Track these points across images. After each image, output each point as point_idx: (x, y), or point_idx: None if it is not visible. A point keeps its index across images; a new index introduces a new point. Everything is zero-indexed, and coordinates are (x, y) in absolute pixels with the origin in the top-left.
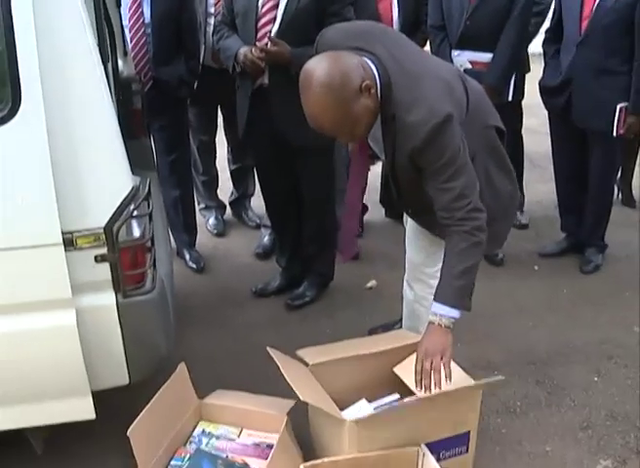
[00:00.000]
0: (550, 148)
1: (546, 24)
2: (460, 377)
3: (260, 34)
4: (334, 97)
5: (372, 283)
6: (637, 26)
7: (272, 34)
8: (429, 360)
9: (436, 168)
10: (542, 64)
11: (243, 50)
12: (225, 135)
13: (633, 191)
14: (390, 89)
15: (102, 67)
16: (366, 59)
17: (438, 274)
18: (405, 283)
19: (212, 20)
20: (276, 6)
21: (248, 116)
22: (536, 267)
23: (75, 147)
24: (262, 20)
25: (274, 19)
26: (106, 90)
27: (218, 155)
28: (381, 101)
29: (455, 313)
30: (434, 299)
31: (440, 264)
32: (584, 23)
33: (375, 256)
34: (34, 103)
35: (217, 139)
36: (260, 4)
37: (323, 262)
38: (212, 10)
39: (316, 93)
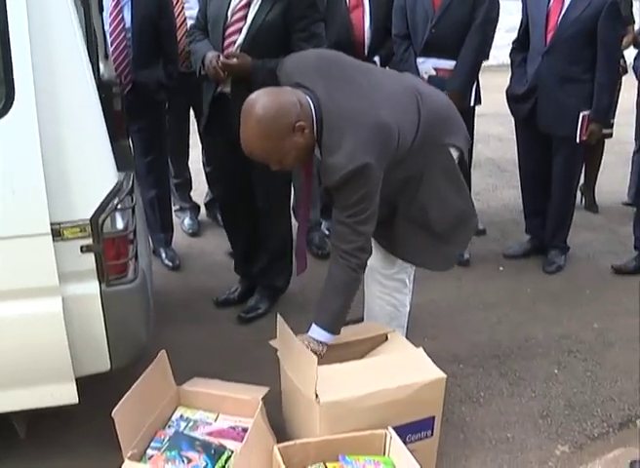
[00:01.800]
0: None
1: (514, 35)
2: (429, 369)
3: (226, 43)
4: (266, 130)
5: None
6: (599, 38)
7: (237, 44)
8: None
9: (344, 204)
10: (510, 74)
11: (209, 55)
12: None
13: (596, 197)
14: (322, 128)
15: (91, 69)
16: (307, 98)
17: (396, 276)
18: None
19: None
20: (245, 17)
21: (207, 119)
22: (501, 268)
23: (64, 143)
24: (230, 29)
25: (241, 29)
26: (94, 90)
27: (193, 157)
28: (316, 131)
29: (328, 337)
30: (313, 321)
31: (397, 267)
32: (550, 34)
33: None
34: (26, 101)
35: (191, 143)
36: (229, 13)
37: (275, 275)
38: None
39: (252, 122)
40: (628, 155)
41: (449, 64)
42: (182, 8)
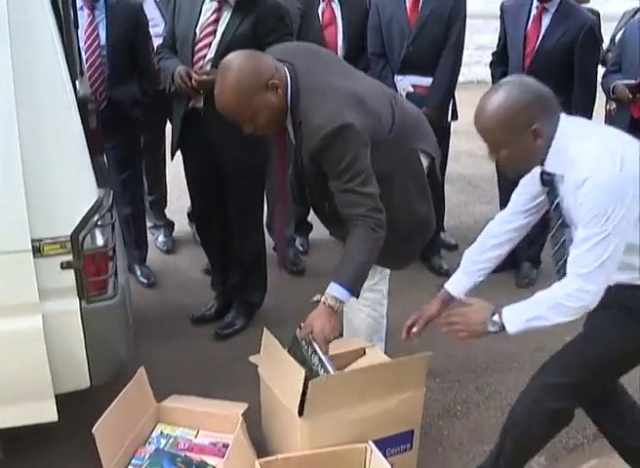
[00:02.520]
0: (489, 171)
1: (483, 53)
2: (408, 383)
3: (196, 58)
4: (241, 84)
5: (317, 297)
6: (576, 63)
7: (207, 58)
8: (306, 330)
9: (338, 171)
10: (481, 92)
11: (178, 70)
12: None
13: None
14: (299, 96)
15: (71, 84)
16: (284, 67)
17: (375, 287)
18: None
19: (155, 44)
20: (214, 32)
21: (180, 136)
22: None
23: (45, 160)
24: (199, 45)
25: (210, 44)
26: (75, 106)
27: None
28: (291, 108)
29: (346, 295)
30: (332, 280)
31: (377, 278)
32: (527, 60)
33: (320, 273)
34: (7, 118)
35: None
36: (197, 30)
37: (250, 290)
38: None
39: (228, 77)
40: None
41: (426, 81)
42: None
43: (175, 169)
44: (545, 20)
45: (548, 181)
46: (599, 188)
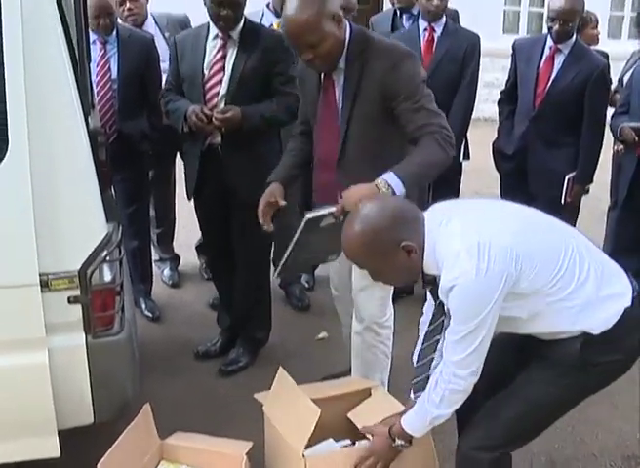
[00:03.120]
0: None
1: (491, 90)
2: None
3: (208, 95)
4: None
5: (322, 334)
6: (587, 104)
7: (221, 95)
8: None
9: (410, 90)
10: (489, 129)
11: (191, 109)
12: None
13: None
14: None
15: (84, 120)
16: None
17: (387, 323)
18: (353, 333)
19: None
20: (222, 68)
21: (198, 175)
22: None
23: (55, 194)
24: (210, 83)
25: (221, 80)
26: (87, 140)
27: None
28: (349, 43)
29: (399, 187)
30: (392, 170)
31: (388, 313)
32: (538, 100)
33: (326, 309)
34: (20, 151)
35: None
36: (205, 69)
37: (255, 327)
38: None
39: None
40: (601, 211)
41: None
42: None
43: (182, 202)
44: (558, 61)
45: (430, 281)
46: (464, 295)
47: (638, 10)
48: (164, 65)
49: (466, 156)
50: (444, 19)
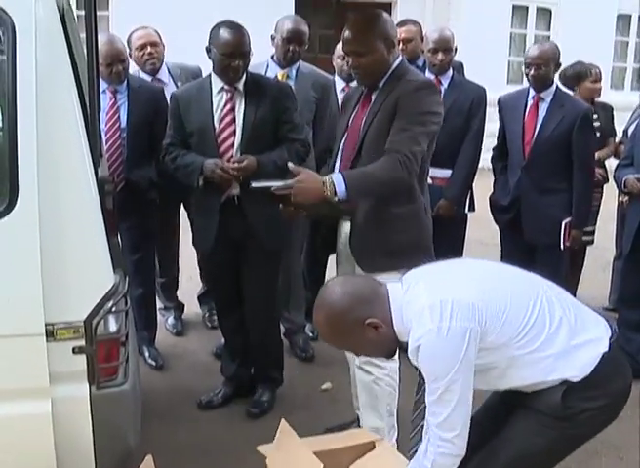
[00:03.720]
0: (498, 258)
1: (492, 140)
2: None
3: (222, 148)
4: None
5: (327, 385)
6: (574, 150)
7: (236, 146)
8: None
9: (412, 111)
10: (491, 179)
11: (210, 162)
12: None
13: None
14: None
15: (93, 171)
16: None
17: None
18: (357, 369)
19: None
20: (233, 120)
21: (218, 227)
22: None
23: (63, 245)
24: (222, 135)
25: (234, 132)
26: (95, 191)
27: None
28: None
29: (342, 191)
30: (341, 172)
31: None
32: (527, 149)
33: (330, 359)
34: (30, 201)
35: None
36: (215, 122)
37: (272, 366)
38: None
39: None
40: (606, 261)
41: (445, 173)
42: None
43: (186, 251)
44: (542, 109)
45: (406, 348)
46: (430, 354)
47: None
48: None
49: (472, 208)
50: (450, 71)
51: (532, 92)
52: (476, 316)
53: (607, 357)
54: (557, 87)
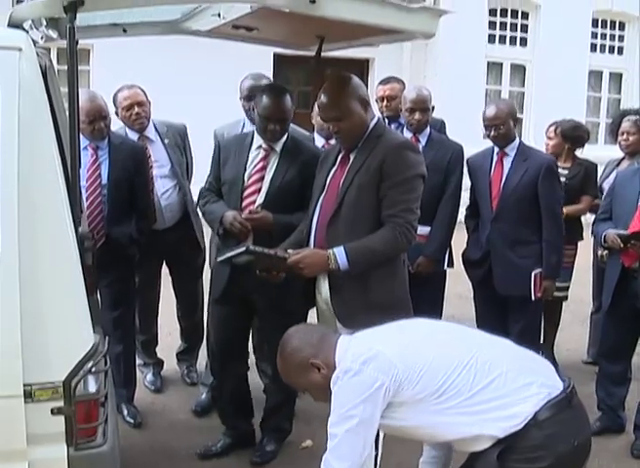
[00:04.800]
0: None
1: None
2: None
3: (245, 203)
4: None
5: (307, 443)
6: (541, 200)
7: (257, 204)
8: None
9: (401, 178)
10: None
11: (229, 214)
12: (174, 291)
13: (555, 355)
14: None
15: (74, 228)
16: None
17: None
18: None
19: (157, 184)
20: (261, 179)
21: (228, 277)
22: None
23: (43, 303)
24: (248, 191)
25: (259, 190)
26: (76, 247)
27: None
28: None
29: (344, 264)
30: (343, 245)
31: None
32: (495, 202)
33: (311, 416)
34: (9, 260)
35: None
36: (246, 176)
37: (284, 418)
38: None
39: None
40: (585, 314)
41: (424, 230)
42: (151, 167)
43: (166, 306)
44: (507, 164)
45: None
46: (338, 387)
47: (612, 117)
48: (159, 171)
49: (450, 264)
50: (428, 129)
51: (496, 148)
52: (391, 371)
53: (552, 417)
54: (520, 141)
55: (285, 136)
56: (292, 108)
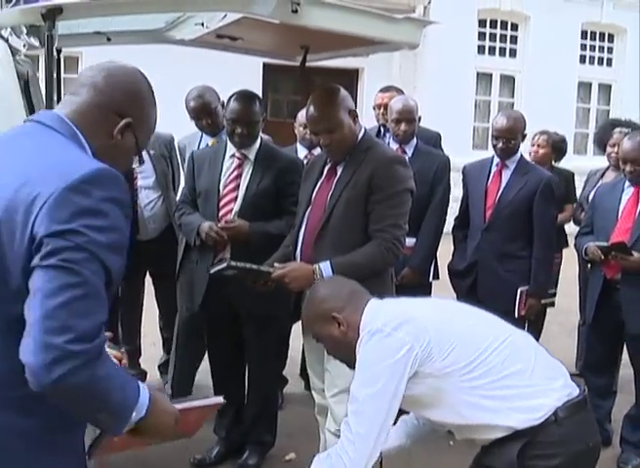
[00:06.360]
0: None
1: (457, 205)
2: None
3: (222, 212)
4: (336, 103)
5: (291, 456)
6: (535, 217)
7: (234, 212)
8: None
9: (390, 192)
10: (452, 247)
11: (205, 225)
12: (157, 302)
13: None
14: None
15: None
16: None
17: None
18: (331, 435)
19: (141, 195)
20: (237, 187)
21: (207, 288)
22: (451, 442)
23: None
24: (224, 200)
25: (235, 198)
26: None
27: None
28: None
29: (328, 272)
30: (330, 260)
31: None
32: (488, 212)
33: (294, 429)
34: None
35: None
36: (221, 186)
37: (265, 429)
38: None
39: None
40: (572, 325)
41: (410, 242)
42: (136, 177)
43: (150, 316)
44: (505, 175)
45: None
46: (364, 346)
47: (598, 128)
48: (144, 182)
49: (435, 276)
50: (414, 140)
51: (496, 159)
52: (423, 337)
53: (570, 417)
54: (521, 155)
55: (258, 144)
56: (261, 113)
